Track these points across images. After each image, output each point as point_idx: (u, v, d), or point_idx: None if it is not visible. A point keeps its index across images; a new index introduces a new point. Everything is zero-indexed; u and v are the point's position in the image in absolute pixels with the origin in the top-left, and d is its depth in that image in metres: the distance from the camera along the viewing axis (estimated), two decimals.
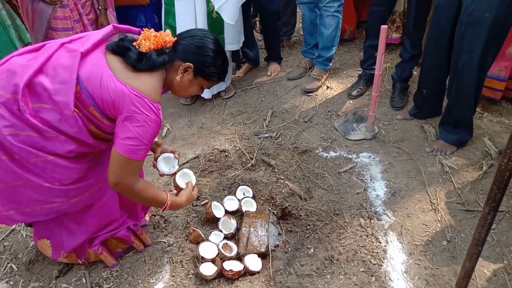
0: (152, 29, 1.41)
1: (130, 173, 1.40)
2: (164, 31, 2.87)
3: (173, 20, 2.68)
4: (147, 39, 1.37)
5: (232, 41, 2.82)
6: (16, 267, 1.86)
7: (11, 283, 1.79)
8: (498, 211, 1.06)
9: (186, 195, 1.64)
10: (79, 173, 1.46)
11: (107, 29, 1.44)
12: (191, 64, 1.41)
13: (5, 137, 1.32)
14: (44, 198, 1.46)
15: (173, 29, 2.70)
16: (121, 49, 1.36)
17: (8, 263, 1.87)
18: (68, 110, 1.31)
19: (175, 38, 1.43)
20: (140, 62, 1.34)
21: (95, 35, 1.40)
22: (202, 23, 2.62)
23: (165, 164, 1.71)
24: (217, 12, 2.61)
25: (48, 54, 1.34)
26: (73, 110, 1.31)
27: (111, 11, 2.74)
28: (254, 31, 3.48)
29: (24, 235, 2.00)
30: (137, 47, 1.36)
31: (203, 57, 1.42)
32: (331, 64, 3.07)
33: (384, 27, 2.14)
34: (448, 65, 2.22)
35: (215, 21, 2.66)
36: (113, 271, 1.79)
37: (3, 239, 2.00)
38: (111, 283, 1.75)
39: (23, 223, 1.81)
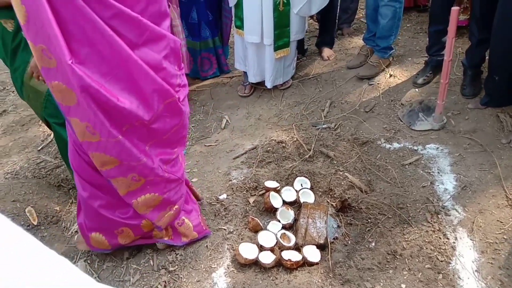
0: None
1: None
2: (235, 23, 2.90)
3: (242, 13, 2.73)
4: None
5: (298, 31, 2.83)
6: None
7: (89, 261, 1.96)
8: None
9: None
10: None
11: None
12: None
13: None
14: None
15: (242, 21, 2.75)
16: None
17: None
18: None
19: None
20: None
21: None
22: (268, 16, 2.65)
23: None
24: (284, 4, 2.62)
25: None
26: None
27: (174, 7, 2.84)
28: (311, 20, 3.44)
29: None
30: None
31: None
32: (391, 52, 2.93)
33: (455, 8, 1.99)
34: None
35: (281, 13, 2.67)
36: (178, 254, 1.88)
37: None
38: (176, 266, 1.84)
39: None
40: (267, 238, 1.89)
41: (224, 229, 1.99)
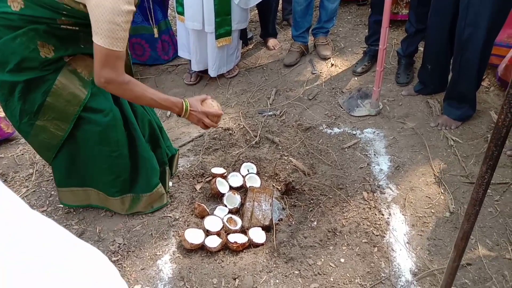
0: None
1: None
2: (176, 9, 2.87)
3: None
4: None
5: (240, 20, 2.80)
6: None
7: None
8: (497, 181, 1.06)
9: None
10: None
11: None
12: None
13: None
14: None
15: (183, 6, 2.68)
16: None
17: None
18: None
19: None
20: None
21: None
22: (209, 3, 2.60)
23: None
24: None
25: None
26: None
27: None
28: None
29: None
30: None
31: None
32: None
33: None
34: (452, 39, 2.19)
35: (221, 1, 2.63)
36: (121, 244, 1.83)
37: None
38: (119, 256, 1.80)
39: None
40: (213, 222, 1.90)
41: (170, 217, 1.97)
